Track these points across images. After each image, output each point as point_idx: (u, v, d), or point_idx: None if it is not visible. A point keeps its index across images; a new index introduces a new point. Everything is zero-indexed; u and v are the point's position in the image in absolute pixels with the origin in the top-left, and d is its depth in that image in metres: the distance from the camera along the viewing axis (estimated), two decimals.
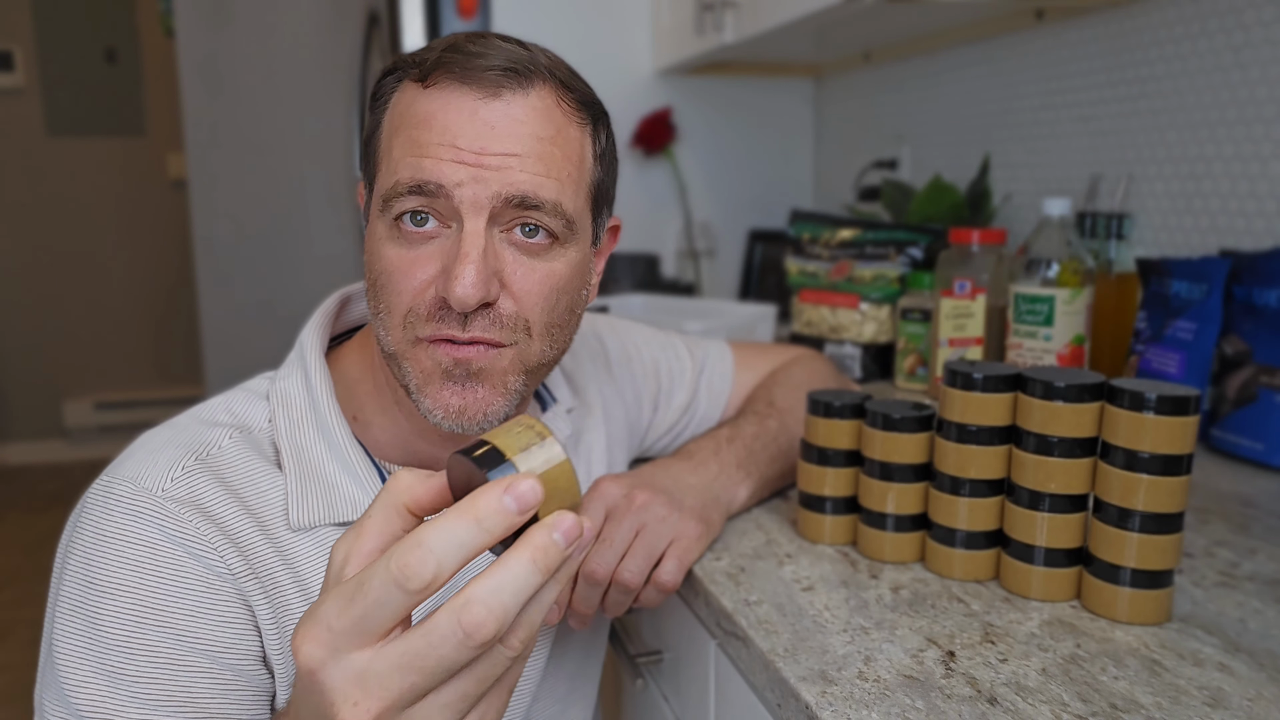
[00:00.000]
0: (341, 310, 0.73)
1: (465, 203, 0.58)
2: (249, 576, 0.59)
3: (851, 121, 1.98)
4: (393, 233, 0.60)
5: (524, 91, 0.59)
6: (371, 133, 0.64)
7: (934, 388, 1.20)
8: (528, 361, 0.63)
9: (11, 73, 3.66)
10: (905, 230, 1.36)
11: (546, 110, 0.60)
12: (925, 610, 0.64)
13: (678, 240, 2.04)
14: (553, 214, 0.60)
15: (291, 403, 0.65)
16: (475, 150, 0.58)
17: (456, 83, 0.59)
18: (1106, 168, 1.29)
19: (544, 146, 0.60)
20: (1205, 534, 0.78)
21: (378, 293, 0.62)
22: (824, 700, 0.54)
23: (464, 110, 0.59)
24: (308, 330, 0.68)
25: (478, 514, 0.35)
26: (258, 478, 0.62)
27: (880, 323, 1.34)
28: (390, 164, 0.60)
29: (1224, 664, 0.57)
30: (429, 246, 0.60)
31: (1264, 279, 0.96)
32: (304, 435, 0.64)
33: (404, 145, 0.59)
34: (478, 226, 0.58)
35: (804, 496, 0.77)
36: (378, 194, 0.61)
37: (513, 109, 0.59)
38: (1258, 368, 0.96)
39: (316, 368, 0.66)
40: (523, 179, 0.59)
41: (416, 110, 0.60)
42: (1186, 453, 0.61)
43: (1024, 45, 1.45)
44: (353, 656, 0.36)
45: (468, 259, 0.58)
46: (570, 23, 1.92)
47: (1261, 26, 1.06)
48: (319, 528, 0.62)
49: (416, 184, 0.58)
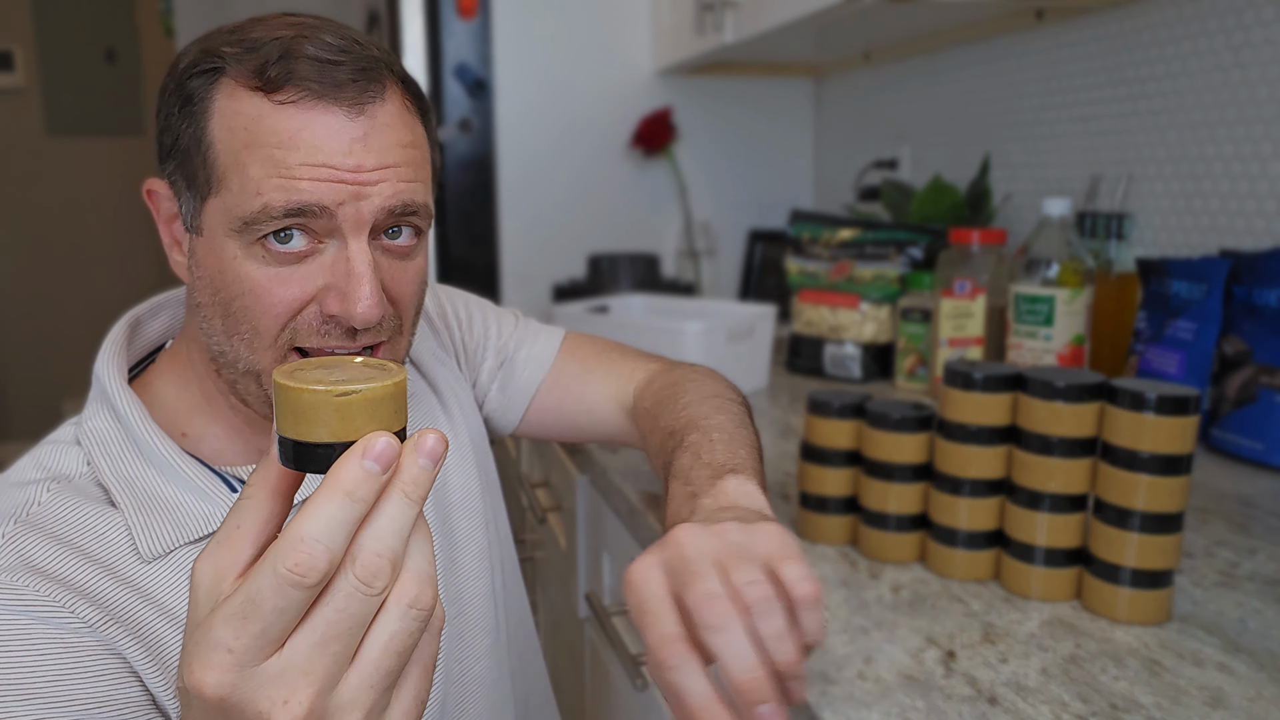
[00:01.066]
0: (133, 335, 0.69)
1: (348, 221, 0.57)
2: (109, 624, 0.55)
3: (851, 121, 1.98)
4: (254, 252, 0.57)
5: (382, 99, 0.59)
6: (195, 140, 0.58)
7: (934, 388, 1.20)
8: (398, 355, 0.64)
9: (11, 73, 3.66)
10: (905, 230, 1.36)
11: (401, 114, 0.60)
12: (925, 610, 0.64)
13: (678, 240, 2.04)
14: (424, 216, 0.62)
15: (106, 439, 0.62)
16: (351, 169, 0.57)
17: (314, 98, 0.56)
18: (1106, 168, 1.29)
19: (409, 152, 0.60)
20: (1205, 534, 0.78)
21: (237, 314, 0.59)
22: (824, 700, 0.54)
23: (330, 127, 0.56)
24: (101, 363, 0.64)
25: (346, 488, 0.35)
26: (91, 521, 0.58)
27: (880, 323, 1.34)
28: (247, 184, 0.56)
29: (1224, 664, 0.57)
30: (303, 266, 0.58)
31: (1264, 279, 0.96)
32: (129, 467, 0.61)
33: (265, 165, 0.56)
34: (363, 244, 0.58)
35: (804, 496, 0.77)
36: (228, 213, 0.57)
37: (378, 121, 0.58)
38: (1258, 368, 0.96)
39: (123, 396, 0.62)
40: (402, 189, 0.59)
41: (271, 126, 0.56)
42: (1186, 453, 0.61)
43: (1024, 45, 1.45)
44: (265, 665, 0.35)
45: (364, 279, 0.57)
46: (570, 23, 1.92)
47: (1261, 26, 1.06)
48: (174, 551, 0.59)
49: (295, 207, 0.56)
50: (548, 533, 1.29)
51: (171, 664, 0.57)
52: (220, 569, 0.37)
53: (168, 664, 0.57)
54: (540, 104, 1.94)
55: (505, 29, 1.89)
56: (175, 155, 0.60)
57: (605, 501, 0.99)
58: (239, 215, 0.57)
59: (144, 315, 0.71)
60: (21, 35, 3.67)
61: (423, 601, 0.36)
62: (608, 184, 2.00)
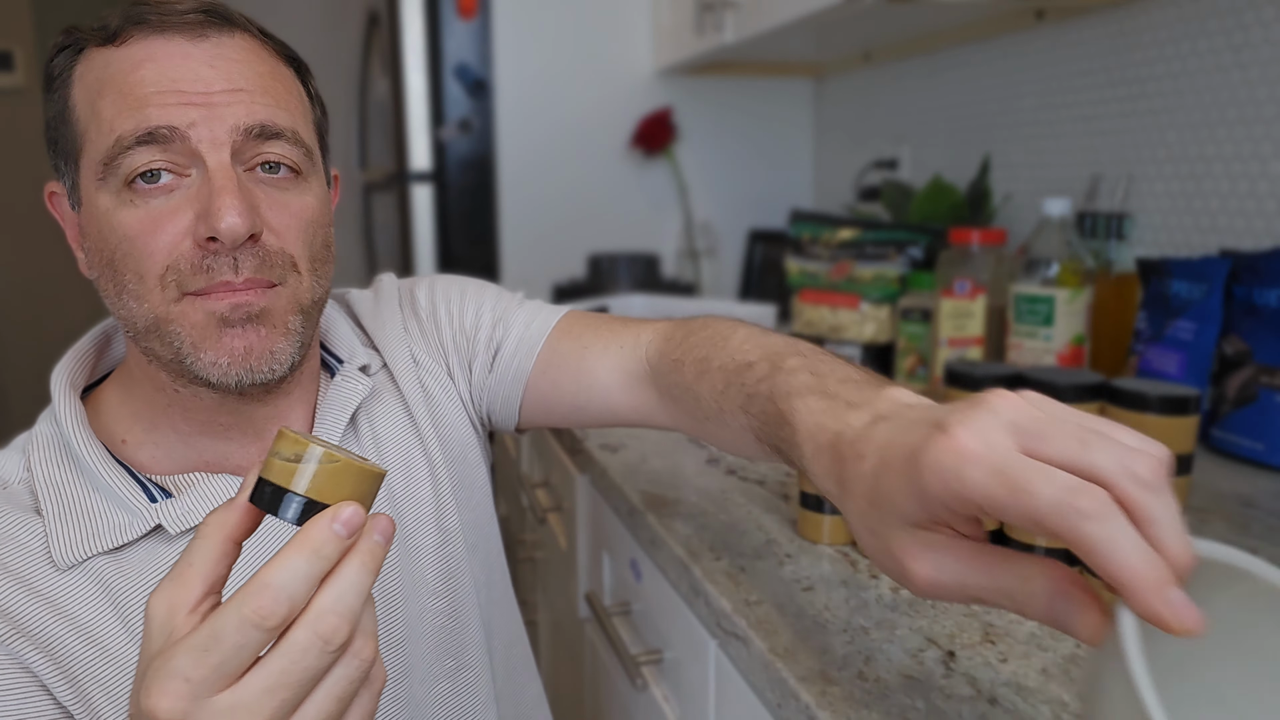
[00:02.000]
0: (106, 347, 0.69)
1: (204, 142, 0.56)
2: (17, 638, 0.55)
3: (851, 121, 1.98)
4: (124, 198, 0.57)
5: (229, 34, 0.59)
6: (59, 115, 0.59)
7: (934, 388, 1.20)
8: (301, 300, 0.61)
9: (11, 73, 3.66)
10: (905, 230, 1.36)
11: (255, 50, 0.60)
12: (925, 610, 0.64)
13: (678, 240, 2.05)
14: (293, 142, 0.60)
15: (44, 444, 0.62)
16: (200, 90, 0.56)
17: (155, 33, 0.57)
18: (1106, 168, 1.29)
19: (266, 81, 0.59)
20: (1205, 534, 0.78)
21: (118, 265, 0.58)
22: (824, 700, 0.54)
23: (174, 55, 0.57)
24: (56, 370, 0.65)
25: (314, 545, 0.38)
26: (12, 530, 0.58)
27: (880, 323, 1.34)
28: (101, 126, 0.57)
29: None
30: (172, 199, 0.57)
31: (1264, 279, 0.96)
32: (58, 471, 0.61)
33: (115, 102, 0.56)
34: (224, 160, 0.56)
35: (804, 496, 0.77)
36: (91, 164, 0.57)
37: (224, 49, 0.58)
38: (1258, 368, 0.96)
39: (62, 401, 0.62)
40: (257, 109, 0.58)
41: (117, 69, 0.57)
42: (1186, 453, 0.61)
43: (1024, 45, 1.45)
44: (218, 698, 0.37)
45: (225, 190, 0.55)
46: (570, 22, 1.92)
47: (1261, 26, 1.06)
48: (87, 560, 0.59)
49: (146, 132, 0.55)
50: (548, 533, 1.29)
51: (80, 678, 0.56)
52: (173, 604, 0.39)
53: (76, 678, 0.56)
54: (540, 104, 1.94)
55: (505, 29, 1.89)
56: (51, 139, 0.61)
57: (605, 501, 0.99)
58: (100, 160, 0.57)
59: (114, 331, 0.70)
60: (21, 35, 3.68)
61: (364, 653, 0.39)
62: (608, 184, 2.00)
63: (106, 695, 0.57)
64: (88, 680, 0.56)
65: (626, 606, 0.96)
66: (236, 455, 0.65)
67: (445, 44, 1.86)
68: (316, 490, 0.41)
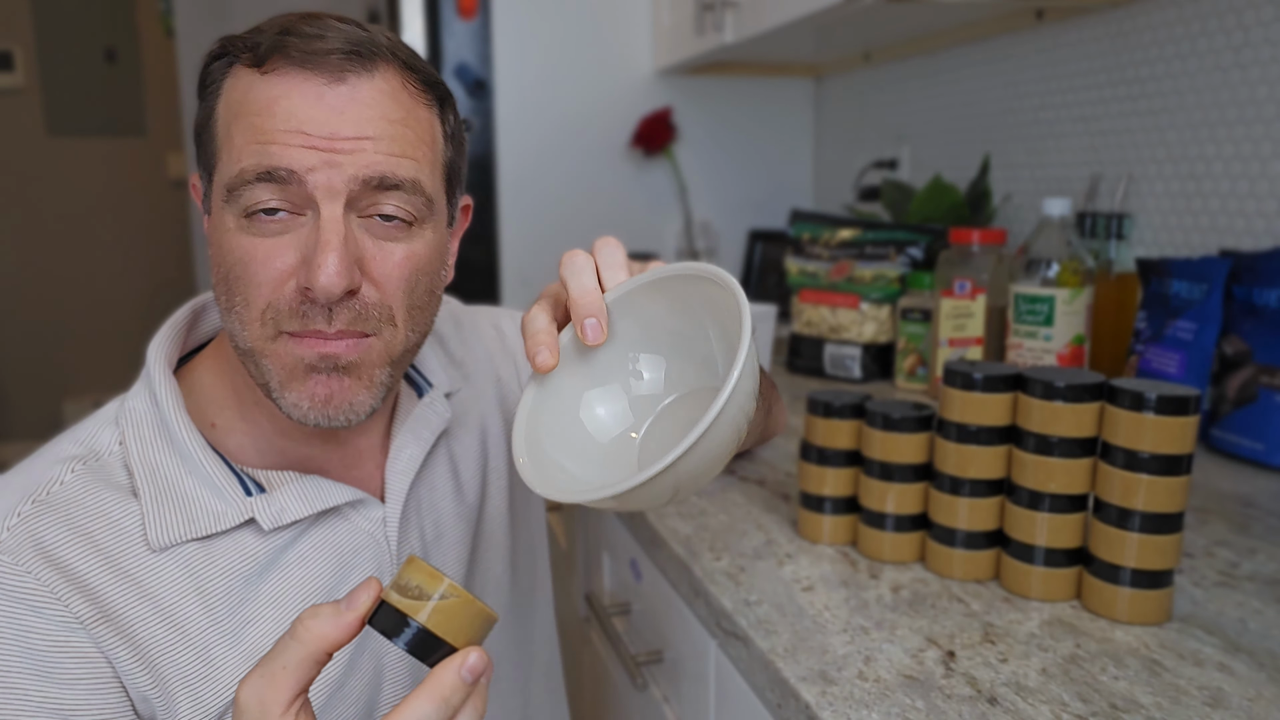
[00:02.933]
0: (196, 321, 0.70)
1: (320, 189, 0.56)
2: (100, 621, 0.56)
3: (851, 121, 1.98)
4: (244, 224, 0.58)
5: (369, 74, 0.58)
6: (205, 121, 0.61)
7: (934, 388, 1.20)
8: (393, 352, 0.61)
9: (11, 73, 3.66)
10: (905, 230, 1.36)
11: (393, 92, 0.59)
12: (925, 610, 0.64)
13: (678, 240, 2.04)
14: (412, 192, 0.59)
15: (140, 420, 0.62)
16: (325, 135, 0.56)
17: (296, 68, 0.57)
18: (1106, 168, 1.29)
19: (395, 128, 0.59)
20: (1205, 534, 0.78)
21: (231, 286, 0.59)
22: (824, 700, 0.54)
23: (308, 95, 0.57)
24: (153, 344, 0.66)
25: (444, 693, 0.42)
26: (107, 508, 0.59)
27: (880, 323, 1.34)
28: (232, 152, 0.58)
29: (1224, 664, 0.57)
30: (282, 239, 0.57)
31: (1264, 279, 0.96)
32: (156, 452, 0.61)
33: (245, 132, 0.57)
34: (335, 212, 0.56)
35: (804, 496, 0.77)
36: (219, 184, 0.59)
37: (359, 92, 0.58)
38: (1258, 368, 0.96)
39: (161, 380, 0.63)
40: (379, 160, 0.57)
41: (255, 97, 0.57)
42: (1186, 453, 0.61)
43: (1024, 45, 1.45)
44: None
45: (329, 246, 0.55)
46: (570, 22, 1.92)
47: (1261, 26, 1.06)
48: (180, 545, 0.59)
49: (265, 170, 0.56)
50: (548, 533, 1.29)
51: (158, 662, 0.57)
52: (265, 702, 0.43)
53: (154, 663, 0.57)
54: (540, 104, 1.94)
55: (505, 29, 1.89)
56: (197, 141, 0.62)
57: None
58: (225, 184, 0.58)
59: (209, 303, 0.72)
60: (21, 35, 3.67)
61: None
62: (608, 184, 2.00)
63: (183, 681, 0.58)
64: (165, 664, 0.57)
65: (626, 606, 0.96)
66: (319, 458, 0.67)
67: (445, 44, 1.86)
68: (436, 624, 0.43)
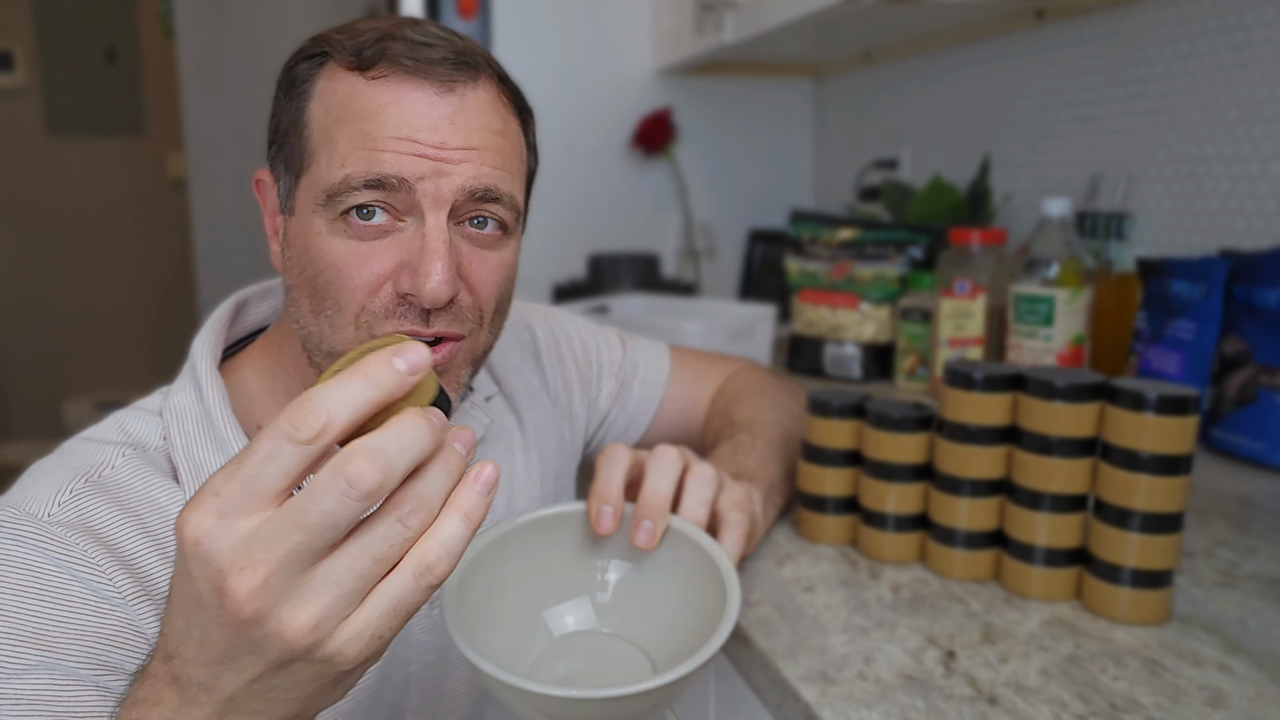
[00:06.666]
0: (237, 315, 0.70)
1: (428, 197, 0.57)
2: (142, 599, 0.56)
3: (851, 121, 1.98)
4: (337, 227, 0.58)
5: (474, 84, 0.59)
6: (294, 120, 0.61)
7: (934, 388, 1.20)
8: (476, 352, 0.63)
9: (11, 73, 3.66)
10: (905, 230, 1.36)
11: (493, 103, 0.61)
12: (925, 610, 0.64)
13: (678, 240, 2.04)
14: (508, 206, 0.61)
15: (185, 417, 0.63)
16: (435, 145, 0.57)
17: (406, 75, 0.58)
18: (1106, 168, 1.29)
19: (497, 140, 0.60)
20: (1205, 534, 0.78)
21: (320, 290, 0.59)
22: (824, 700, 0.54)
23: (419, 104, 0.57)
24: (199, 339, 0.66)
25: (367, 371, 0.36)
26: (155, 494, 0.59)
27: (880, 323, 1.34)
28: (334, 156, 0.58)
29: (1224, 664, 0.57)
30: (382, 242, 0.58)
31: (1264, 279, 0.96)
32: (201, 451, 0.62)
33: (352, 138, 0.57)
34: (440, 221, 0.58)
35: (804, 496, 0.77)
36: (315, 188, 0.59)
37: (467, 102, 0.59)
38: (1258, 368, 0.96)
39: (209, 379, 0.63)
40: (485, 172, 0.59)
41: (362, 102, 0.58)
42: (1186, 453, 0.61)
43: (1024, 45, 1.45)
44: (240, 523, 0.35)
45: (436, 254, 0.57)
46: (570, 22, 1.92)
47: (1261, 26, 1.06)
48: None
49: (375, 178, 0.57)
50: None
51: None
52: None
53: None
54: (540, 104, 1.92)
55: (505, 29, 1.89)
56: (277, 139, 0.62)
57: None
58: (324, 188, 0.58)
59: (252, 297, 0.72)
60: (21, 35, 3.67)
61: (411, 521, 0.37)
62: (608, 184, 2.00)
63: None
64: None
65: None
66: None
67: None
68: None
